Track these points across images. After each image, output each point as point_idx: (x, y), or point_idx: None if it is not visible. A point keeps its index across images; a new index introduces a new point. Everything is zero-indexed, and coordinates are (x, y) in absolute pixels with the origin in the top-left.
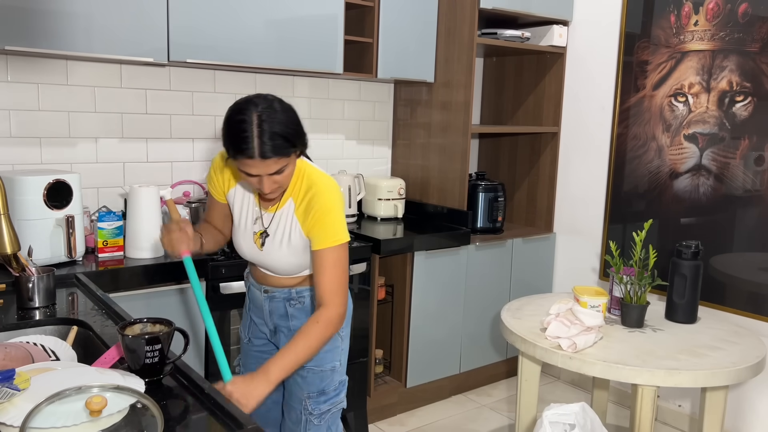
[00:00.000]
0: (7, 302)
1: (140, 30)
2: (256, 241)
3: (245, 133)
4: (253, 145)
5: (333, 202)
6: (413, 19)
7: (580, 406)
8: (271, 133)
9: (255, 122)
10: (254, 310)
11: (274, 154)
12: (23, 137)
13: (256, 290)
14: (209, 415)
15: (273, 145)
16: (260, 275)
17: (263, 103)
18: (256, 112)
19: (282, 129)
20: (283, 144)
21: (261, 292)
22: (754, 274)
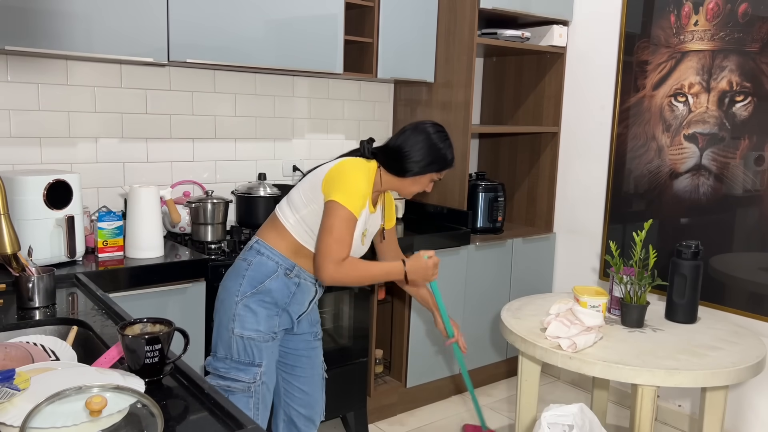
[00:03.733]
0: (7, 302)
1: (140, 30)
2: (362, 240)
3: (452, 149)
4: (454, 157)
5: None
6: (413, 19)
7: (578, 407)
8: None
9: (451, 141)
10: (294, 306)
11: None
12: (23, 137)
13: (308, 283)
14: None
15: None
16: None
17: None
18: (447, 133)
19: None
20: None
21: (314, 284)
22: (754, 274)
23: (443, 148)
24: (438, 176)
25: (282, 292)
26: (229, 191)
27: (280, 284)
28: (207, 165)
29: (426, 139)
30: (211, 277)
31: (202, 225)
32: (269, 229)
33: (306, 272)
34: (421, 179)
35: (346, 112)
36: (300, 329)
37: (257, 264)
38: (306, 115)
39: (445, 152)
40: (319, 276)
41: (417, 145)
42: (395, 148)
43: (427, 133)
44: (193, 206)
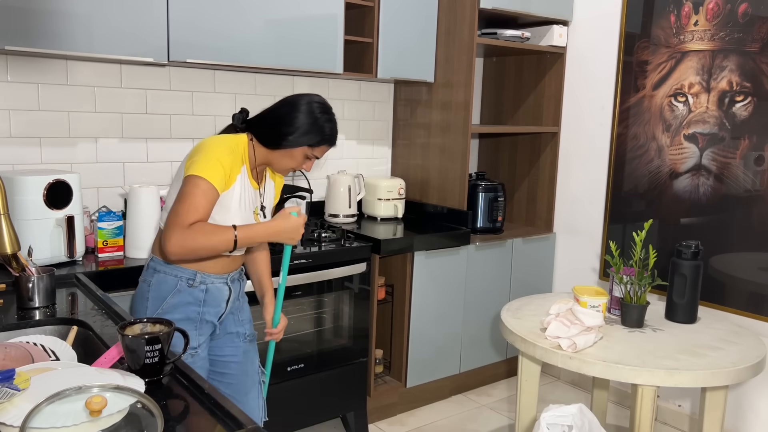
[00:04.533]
0: (7, 302)
1: (140, 30)
2: (255, 218)
3: (335, 124)
4: (337, 134)
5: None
6: (413, 19)
7: (577, 407)
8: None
9: (335, 119)
10: (209, 312)
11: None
12: (23, 137)
13: (218, 285)
14: (209, 415)
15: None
16: (226, 265)
17: (328, 103)
18: (331, 110)
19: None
20: None
21: (225, 283)
22: (754, 274)
23: (320, 120)
24: (313, 153)
25: (189, 306)
26: None
27: (185, 297)
28: None
29: (301, 109)
30: None
31: None
32: (158, 242)
33: (211, 275)
34: (294, 153)
35: (346, 112)
36: (224, 330)
37: (156, 283)
38: None
39: (322, 125)
40: (165, 247)
41: (291, 113)
42: (267, 116)
43: (303, 103)
44: None
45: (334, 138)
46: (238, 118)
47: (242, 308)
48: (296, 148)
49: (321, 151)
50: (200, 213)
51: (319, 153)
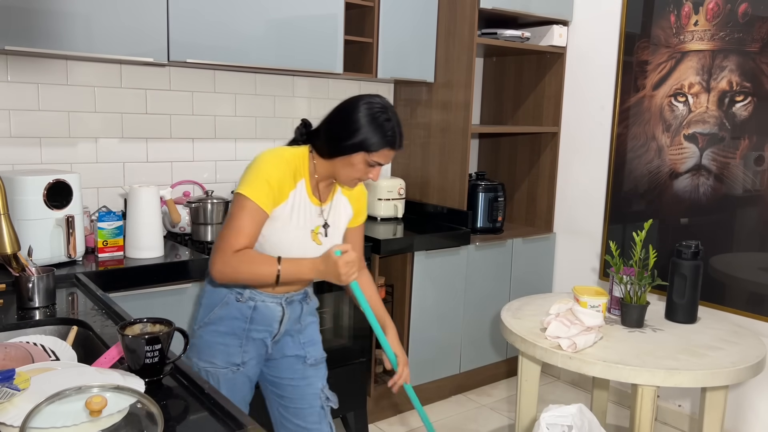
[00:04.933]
0: (7, 302)
1: (140, 30)
2: (314, 237)
3: (395, 126)
4: (398, 137)
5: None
6: (413, 19)
7: (577, 407)
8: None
9: (396, 120)
10: (256, 330)
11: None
12: (23, 137)
13: (269, 304)
14: (209, 415)
15: (403, 140)
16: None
17: (391, 106)
18: (393, 112)
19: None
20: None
21: (279, 303)
22: (754, 274)
23: (376, 120)
24: (373, 159)
25: (235, 321)
26: (229, 191)
27: (232, 311)
28: (207, 165)
29: (354, 110)
30: None
31: (202, 225)
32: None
33: (262, 293)
34: (353, 161)
35: None
36: (280, 352)
37: (209, 291)
38: (306, 115)
39: (379, 126)
40: (210, 270)
41: (344, 117)
42: (322, 124)
43: (357, 104)
44: (193, 206)
45: (395, 140)
46: (298, 130)
47: (304, 330)
48: (353, 154)
49: (382, 156)
50: (246, 237)
51: (380, 158)
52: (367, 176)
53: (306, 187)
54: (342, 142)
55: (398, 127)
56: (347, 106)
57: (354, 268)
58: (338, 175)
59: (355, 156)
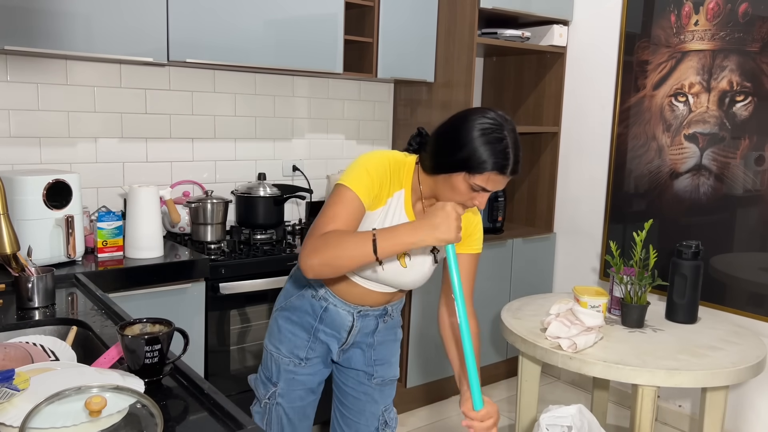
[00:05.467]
0: (7, 302)
1: (140, 30)
2: (401, 258)
3: (508, 149)
4: (510, 162)
5: (480, 216)
6: (413, 19)
7: (576, 408)
8: (520, 151)
9: (513, 140)
10: (324, 331)
11: (519, 170)
12: (23, 137)
13: (341, 310)
14: (209, 415)
15: (520, 164)
16: (358, 296)
17: (509, 121)
18: (509, 130)
19: (521, 150)
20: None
21: (352, 313)
22: (755, 274)
23: (484, 140)
24: (476, 183)
25: (307, 314)
26: (229, 191)
27: (305, 305)
28: (207, 165)
29: (465, 124)
30: (211, 278)
31: (201, 225)
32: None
33: (337, 297)
34: (453, 181)
35: (346, 112)
36: (348, 362)
37: (295, 277)
38: (306, 115)
39: (485, 146)
40: (300, 263)
41: (454, 131)
42: (432, 134)
43: (470, 118)
44: (192, 206)
45: (505, 164)
46: (412, 137)
47: (377, 347)
48: (454, 174)
49: (488, 180)
50: (339, 223)
51: (484, 183)
52: (471, 202)
53: (405, 198)
54: (444, 158)
55: (514, 150)
56: (459, 117)
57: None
58: (439, 196)
59: (456, 176)
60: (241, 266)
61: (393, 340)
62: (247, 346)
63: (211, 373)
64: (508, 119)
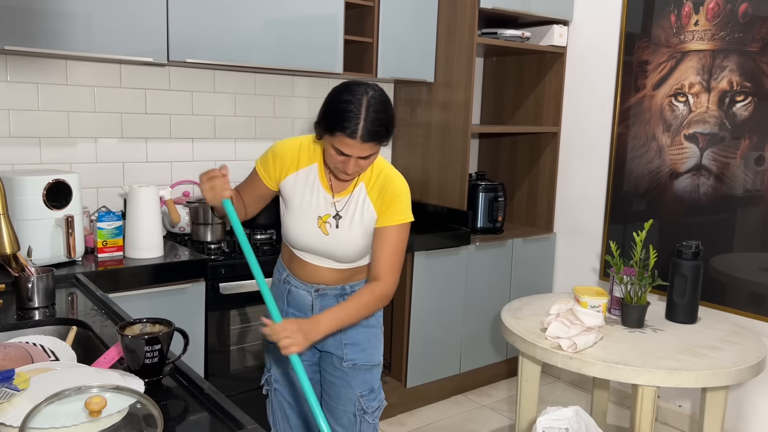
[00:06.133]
0: (7, 302)
1: (140, 30)
2: (321, 226)
3: (352, 113)
4: (358, 126)
5: (404, 186)
6: (413, 19)
7: (573, 410)
8: (378, 120)
9: (365, 105)
10: (294, 313)
11: (374, 139)
12: (23, 137)
13: (301, 291)
14: (209, 415)
15: (375, 132)
16: (312, 273)
17: (372, 89)
18: (366, 95)
19: (385, 118)
20: (383, 132)
21: (310, 292)
22: (755, 274)
23: (334, 104)
24: (335, 145)
25: (279, 299)
26: None
27: (276, 291)
28: (207, 165)
29: (329, 94)
30: (211, 277)
31: (201, 225)
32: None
33: (296, 278)
34: (327, 147)
35: None
36: (322, 345)
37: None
38: (306, 115)
39: (335, 110)
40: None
41: (324, 100)
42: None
43: (334, 87)
44: (192, 206)
45: (348, 126)
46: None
47: (347, 332)
48: (324, 139)
49: (341, 143)
50: (241, 188)
51: (339, 145)
52: (342, 167)
53: (319, 170)
54: (316, 124)
55: (365, 115)
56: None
57: (288, 341)
58: (327, 161)
59: (325, 141)
60: (242, 266)
61: (363, 324)
62: (247, 346)
63: (211, 373)
64: (369, 88)
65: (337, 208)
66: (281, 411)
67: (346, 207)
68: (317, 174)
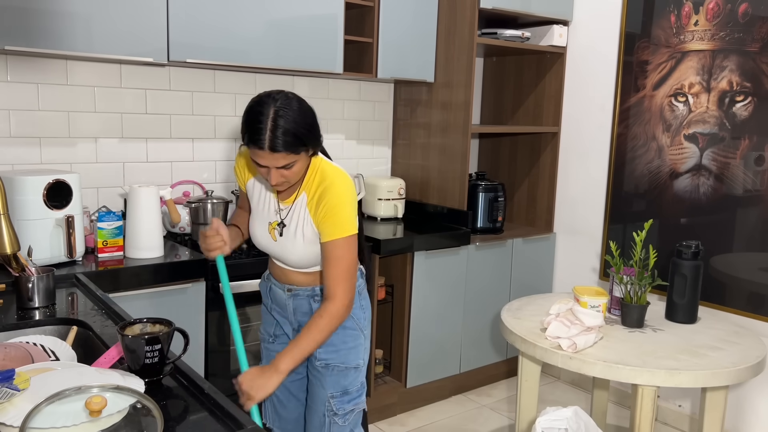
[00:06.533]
0: (7, 302)
1: (140, 30)
2: (271, 231)
3: (260, 124)
4: (264, 137)
5: (343, 196)
6: (413, 19)
7: (572, 410)
8: (284, 129)
9: (270, 116)
10: (277, 310)
11: (284, 149)
12: (23, 137)
13: (278, 289)
14: (209, 415)
15: (283, 141)
16: (282, 273)
17: (283, 99)
18: (274, 106)
19: (294, 127)
20: (293, 141)
21: (284, 291)
22: (754, 274)
23: (246, 116)
24: (252, 155)
25: (264, 295)
26: (229, 191)
27: (262, 286)
28: (207, 165)
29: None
30: (211, 277)
31: (201, 225)
32: None
33: (272, 277)
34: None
35: (346, 112)
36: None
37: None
38: None
39: (245, 122)
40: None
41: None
42: None
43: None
44: (193, 206)
45: (253, 137)
46: None
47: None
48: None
49: (255, 154)
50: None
51: (254, 156)
52: (267, 177)
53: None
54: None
55: (272, 124)
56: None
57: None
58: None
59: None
60: (241, 266)
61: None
62: (247, 346)
63: (211, 373)
64: (281, 97)
65: (281, 216)
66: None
67: (289, 216)
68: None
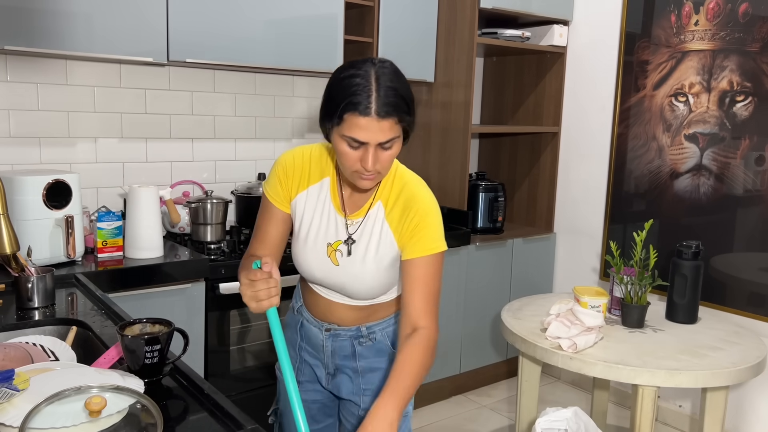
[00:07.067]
0: (7, 302)
1: (140, 30)
2: (331, 254)
3: (361, 87)
4: (370, 99)
5: (433, 205)
6: (413, 19)
7: (572, 411)
8: (393, 90)
9: (373, 75)
10: (307, 350)
11: (395, 113)
12: (23, 137)
13: (313, 327)
14: (209, 416)
15: (395, 103)
16: (322, 310)
17: (380, 61)
18: (373, 68)
19: (402, 88)
20: (401, 104)
21: (321, 331)
22: (755, 274)
23: (338, 82)
24: (346, 134)
25: (292, 329)
26: (229, 191)
27: (289, 320)
28: (206, 165)
29: (329, 80)
30: (211, 278)
31: (201, 225)
32: None
33: (308, 312)
34: (337, 146)
35: None
36: (337, 389)
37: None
38: (306, 115)
39: (340, 89)
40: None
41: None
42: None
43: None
44: (192, 206)
45: (355, 100)
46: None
47: (367, 376)
48: (332, 137)
49: (351, 127)
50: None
51: (349, 131)
52: (361, 166)
53: (331, 184)
54: (320, 122)
55: (376, 86)
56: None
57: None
58: (342, 171)
59: (334, 138)
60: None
61: (385, 369)
62: (247, 346)
63: (211, 373)
64: (377, 59)
65: (349, 231)
66: None
67: (360, 230)
68: (329, 191)
